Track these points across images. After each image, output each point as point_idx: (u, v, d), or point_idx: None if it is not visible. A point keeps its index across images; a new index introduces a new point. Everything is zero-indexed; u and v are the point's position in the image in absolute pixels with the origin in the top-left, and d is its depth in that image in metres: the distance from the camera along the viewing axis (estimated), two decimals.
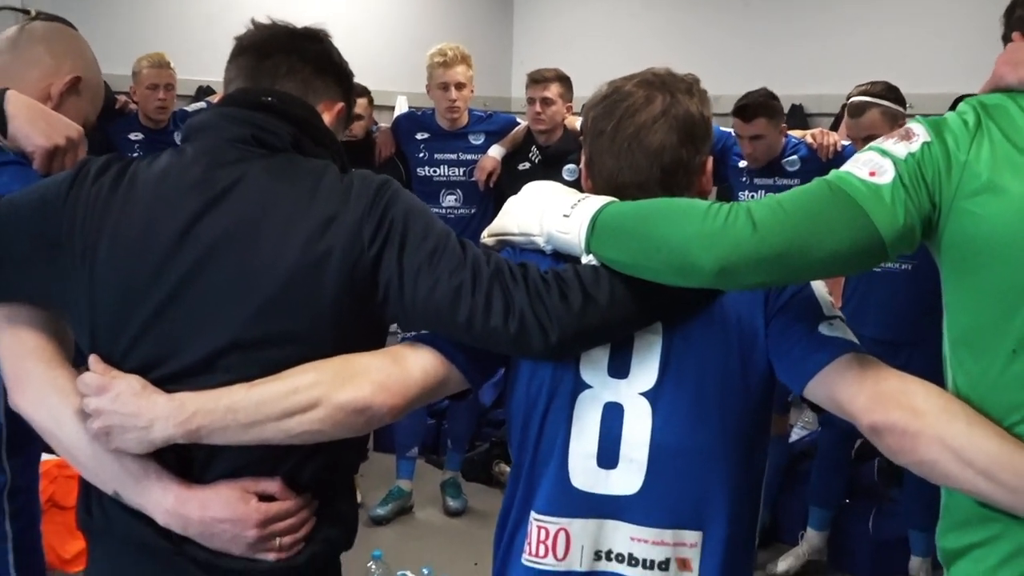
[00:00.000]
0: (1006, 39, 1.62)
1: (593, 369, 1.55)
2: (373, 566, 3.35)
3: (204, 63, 5.68)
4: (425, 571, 3.37)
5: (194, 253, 1.47)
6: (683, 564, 1.54)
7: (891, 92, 3.93)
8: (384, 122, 6.15)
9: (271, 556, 1.47)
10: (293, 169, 1.53)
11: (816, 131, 4.38)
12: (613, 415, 1.54)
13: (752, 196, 4.38)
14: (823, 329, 1.50)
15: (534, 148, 4.68)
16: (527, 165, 4.68)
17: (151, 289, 1.47)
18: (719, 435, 1.54)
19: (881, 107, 3.85)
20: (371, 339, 1.54)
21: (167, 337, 1.47)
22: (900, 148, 1.41)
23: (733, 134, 4.38)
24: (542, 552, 1.55)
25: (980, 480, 1.33)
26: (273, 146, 1.54)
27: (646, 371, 1.54)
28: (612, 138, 1.63)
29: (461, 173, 4.69)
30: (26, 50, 1.87)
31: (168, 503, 1.45)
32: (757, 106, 4.25)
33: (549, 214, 1.56)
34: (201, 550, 1.47)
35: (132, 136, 4.77)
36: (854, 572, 4.33)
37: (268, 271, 1.46)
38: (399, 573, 3.36)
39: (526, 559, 1.57)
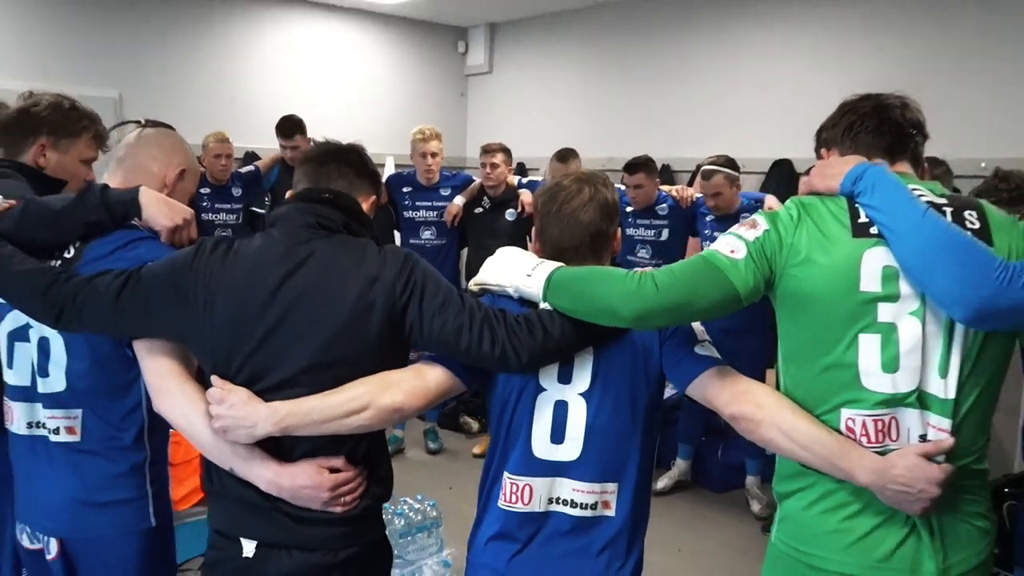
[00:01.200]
0: (817, 153, 1.68)
1: (548, 377, 1.58)
2: None
3: (251, 134, 5.67)
4: (419, 497, 3.32)
5: (283, 304, 1.49)
6: (605, 505, 1.58)
7: (730, 163, 3.99)
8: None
9: (338, 509, 1.50)
10: (346, 245, 1.55)
11: (678, 187, 4.43)
12: (561, 408, 1.57)
13: (634, 232, 4.43)
14: (698, 349, 1.55)
15: (485, 198, 4.68)
16: (480, 209, 4.68)
17: (254, 328, 1.49)
18: (630, 419, 1.58)
19: (724, 173, 3.92)
20: (400, 359, 1.56)
21: (265, 361, 1.49)
22: (750, 234, 1.47)
23: (622, 186, 4.42)
24: (513, 500, 1.58)
25: (800, 451, 1.41)
26: (331, 228, 1.56)
27: (583, 378, 1.57)
28: (556, 216, 1.66)
29: (434, 215, 4.67)
30: (144, 150, 1.82)
31: (268, 476, 1.47)
32: (640, 164, 4.30)
33: (516, 273, 1.58)
34: (290, 506, 1.49)
35: (202, 191, 4.67)
36: (709, 486, 4.40)
37: (333, 316, 1.48)
38: (401, 499, 3.29)
39: (502, 504, 1.60)
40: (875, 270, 1.39)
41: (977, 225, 1.40)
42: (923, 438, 1.39)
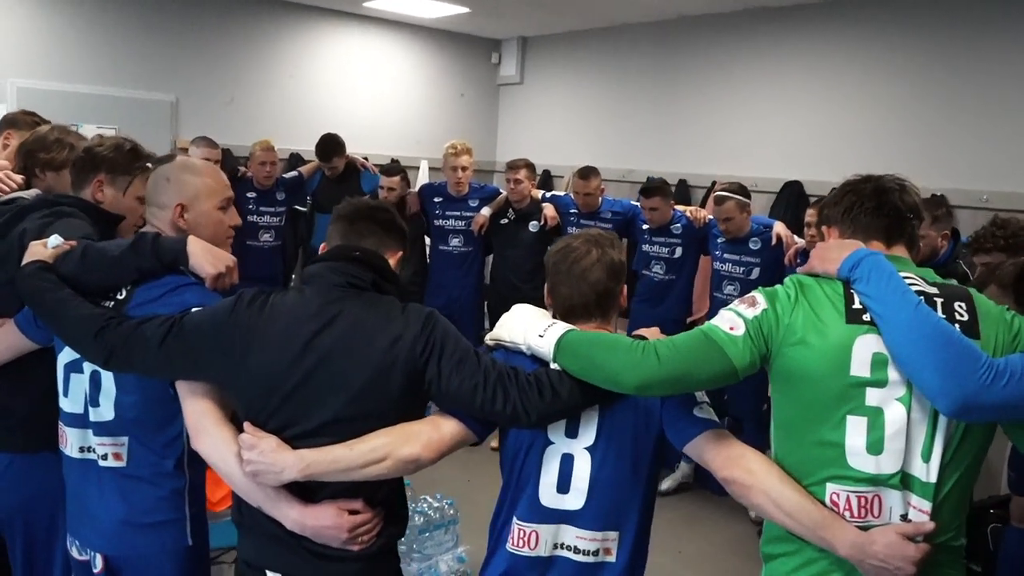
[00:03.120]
0: (818, 228, 1.68)
1: (556, 431, 1.58)
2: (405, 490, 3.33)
3: (295, 137, 5.71)
4: (438, 496, 3.33)
5: (312, 359, 1.49)
6: (607, 552, 1.58)
7: (742, 190, 3.96)
8: (411, 178, 6.22)
9: (356, 547, 1.51)
10: (372, 304, 1.55)
11: (692, 208, 4.41)
12: (567, 461, 1.57)
13: (650, 248, 4.42)
14: (696, 411, 1.54)
15: (511, 210, 4.70)
16: (506, 220, 4.70)
17: (285, 380, 1.50)
18: (632, 472, 1.58)
19: (736, 200, 3.90)
20: (418, 411, 1.56)
21: (295, 411, 1.50)
22: (749, 312, 1.45)
23: (640, 206, 4.41)
24: (521, 544, 1.59)
25: (785, 518, 1.40)
26: (359, 287, 1.56)
27: (588, 434, 1.57)
28: (567, 274, 1.66)
29: (463, 224, 4.69)
30: (151, 195, 1.80)
31: (293, 515, 1.49)
32: (655, 188, 4.29)
33: (529, 333, 1.58)
34: (312, 543, 1.51)
35: (249, 195, 4.70)
36: (710, 488, 4.30)
37: (358, 372, 1.48)
38: (421, 497, 3.31)
39: (510, 547, 1.60)
40: (866, 356, 1.38)
41: (966, 317, 1.38)
42: (904, 517, 1.38)
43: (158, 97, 5.41)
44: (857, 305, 1.41)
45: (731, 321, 1.46)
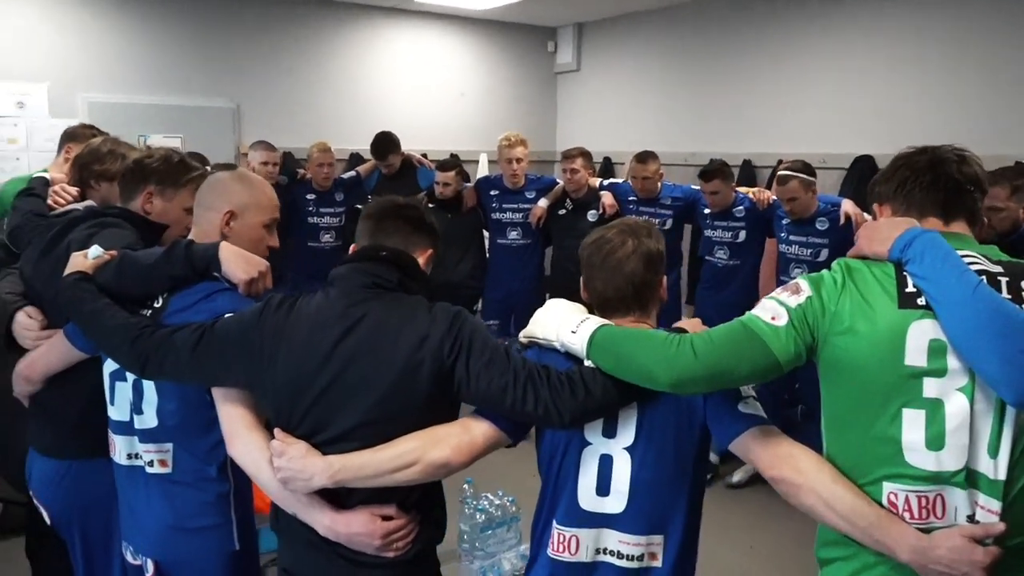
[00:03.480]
0: (869, 208, 1.57)
1: (593, 432, 1.52)
2: (467, 487, 3.31)
3: (355, 137, 5.76)
4: (500, 493, 3.29)
5: (339, 362, 1.47)
6: (652, 556, 1.52)
7: (806, 168, 3.79)
8: (471, 171, 6.21)
9: (390, 554, 1.48)
10: (399, 304, 1.52)
11: (756, 189, 4.26)
12: (606, 462, 1.51)
13: (712, 233, 4.29)
14: (741, 407, 1.45)
15: (568, 200, 4.62)
16: (564, 211, 4.63)
17: (312, 383, 1.48)
18: (675, 473, 1.51)
19: (799, 178, 3.74)
20: (450, 413, 1.52)
21: (323, 416, 1.48)
22: (792, 300, 1.36)
23: (701, 190, 4.27)
24: (561, 550, 1.53)
25: (839, 520, 1.31)
26: (385, 287, 1.53)
27: (627, 433, 1.51)
28: (600, 267, 1.60)
29: (521, 217, 4.65)
30: (202, 198, 1.83)
31: (325, 522, 1.48)
32: (715, 171, 4.15)
33: (563, 329, 1.51)
34: (346, 549, 1.49)
35: (308, 196, 4.77)
36: None
37: (385, 374, 1.45)
38: (482, 495, 3.27)
39: (551, 553, 1.55)
40: (922, 343, 1.26)
41: None
42: (971, 518, 1.26)
43: (220, 104, 5.54)
44: (911, 288, 1.30)
45: (773, 311, 1.36)
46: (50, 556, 2.29)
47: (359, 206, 5.23)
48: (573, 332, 1.50)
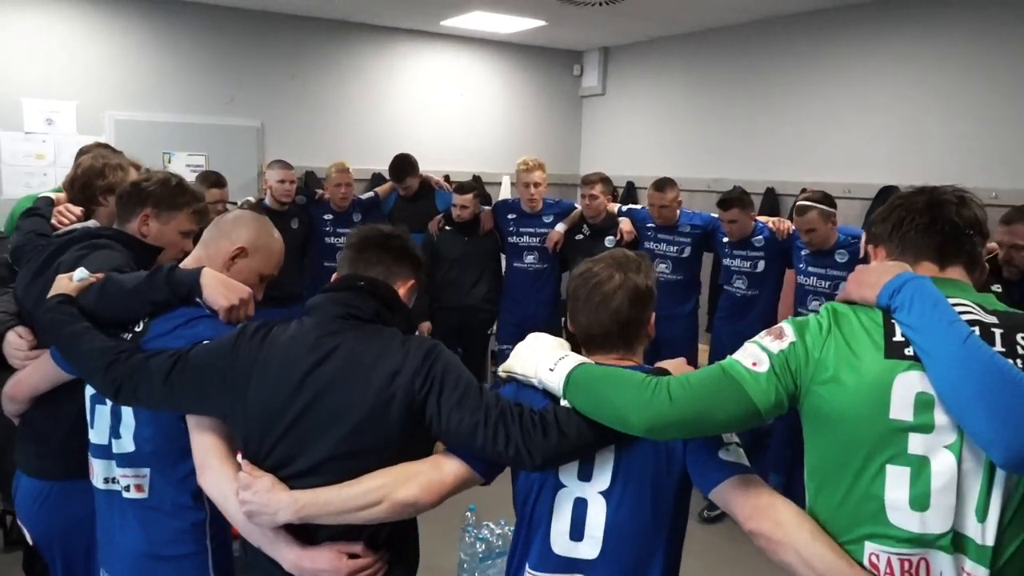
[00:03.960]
0: (864, 249, 1.51)
1: (568, 474, 1.47)
2: (469, 515, 3.27)
3: (378, 158, 5.76)
4: (501, 522, 3.24)
5: (309, 394, 1.44)
6: None
7: (826, 198, 3.70)
8: (493, 194, 6.19)
9: None
10: (374, 337, 1.48)
11: (775, 219, 4.16)
12: (580, 506, 1.46)
13: (731, 263, 4.21)
14: (721, 454, 1.40)
15: (585, 225, 4.57)
16: (581, 236, 4.57)
17: (282, 415, 1.45)
18: (652, 519, 1.45)
19: (818, 209, 3.65)
20: (425, 448, 1.49)
21: (291, 449, 1.45)
22: (775, 345, 1.30)
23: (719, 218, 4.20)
24: None
25: None
26: (361, 319, 1.50)
27: (603, 477, 1.45)
28: (586, 301, 1.55)
29: (538, 241, 4.61)
30: (216, 228, 1.84)
31: (291, 557, 1.44)
32: (733, 200, 4.07)
33: (541, 366, 1.47)
34: None
35: (326, 216, 4.78)
36: None
37: (355, 408, 1.42)
38: (483, 523, 3.22)
39: None
40: (908, 396, 1.19)
41: None
42: None
43: (245, 123, 5.59)
44: (899, 337, 1.23)
45: (754, 356, 1.31)
46: (44, 572, 2.28)
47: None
48: (551, 370, 1.46)
